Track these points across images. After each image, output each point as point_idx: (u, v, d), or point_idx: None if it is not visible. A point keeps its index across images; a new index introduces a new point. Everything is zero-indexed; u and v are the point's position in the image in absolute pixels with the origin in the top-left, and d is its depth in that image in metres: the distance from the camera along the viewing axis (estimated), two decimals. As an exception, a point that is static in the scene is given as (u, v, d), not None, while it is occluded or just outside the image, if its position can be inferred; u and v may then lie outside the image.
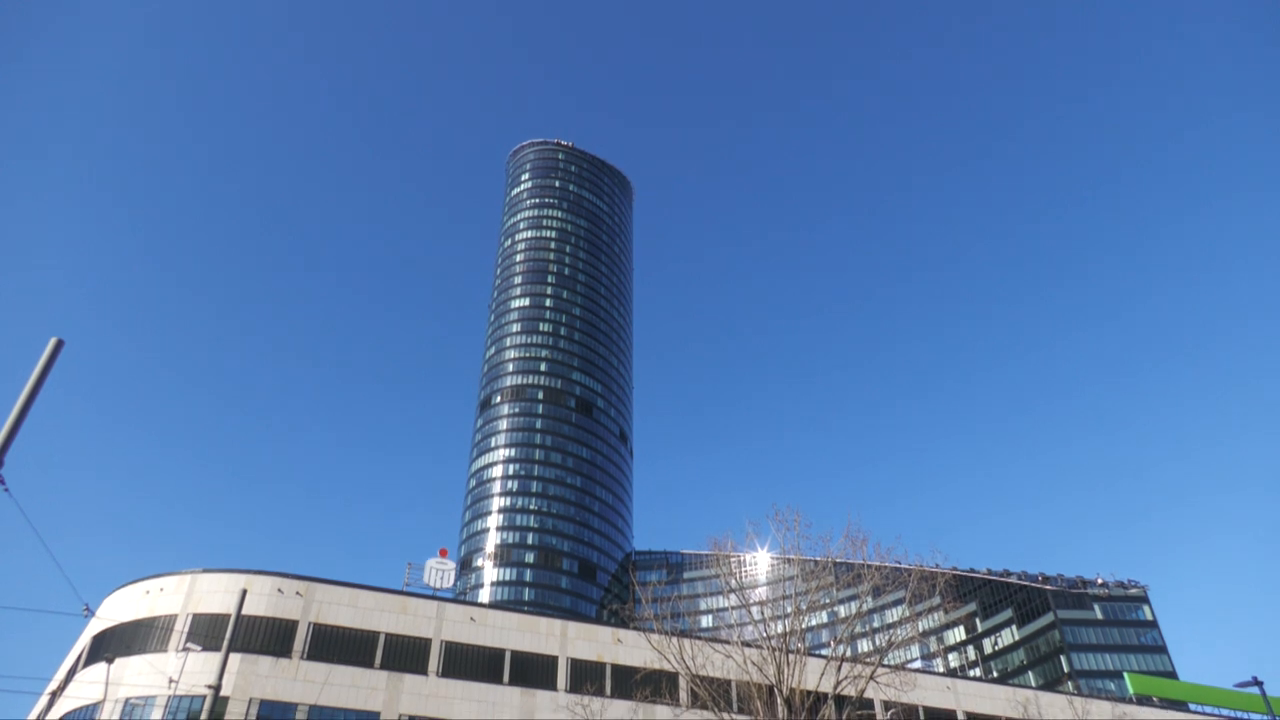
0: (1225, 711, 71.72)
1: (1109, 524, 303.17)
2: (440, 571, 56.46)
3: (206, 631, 41.49)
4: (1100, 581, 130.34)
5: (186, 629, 42.93)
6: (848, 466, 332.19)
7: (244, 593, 21.62)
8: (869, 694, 39.62)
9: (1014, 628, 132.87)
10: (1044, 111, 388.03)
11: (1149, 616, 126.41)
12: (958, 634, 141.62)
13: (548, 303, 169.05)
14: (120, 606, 45.69)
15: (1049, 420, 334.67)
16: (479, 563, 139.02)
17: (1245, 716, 69.99)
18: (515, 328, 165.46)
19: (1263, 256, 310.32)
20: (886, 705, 47.10)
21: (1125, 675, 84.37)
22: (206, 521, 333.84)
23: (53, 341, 14.72)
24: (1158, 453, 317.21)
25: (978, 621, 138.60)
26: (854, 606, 40.43)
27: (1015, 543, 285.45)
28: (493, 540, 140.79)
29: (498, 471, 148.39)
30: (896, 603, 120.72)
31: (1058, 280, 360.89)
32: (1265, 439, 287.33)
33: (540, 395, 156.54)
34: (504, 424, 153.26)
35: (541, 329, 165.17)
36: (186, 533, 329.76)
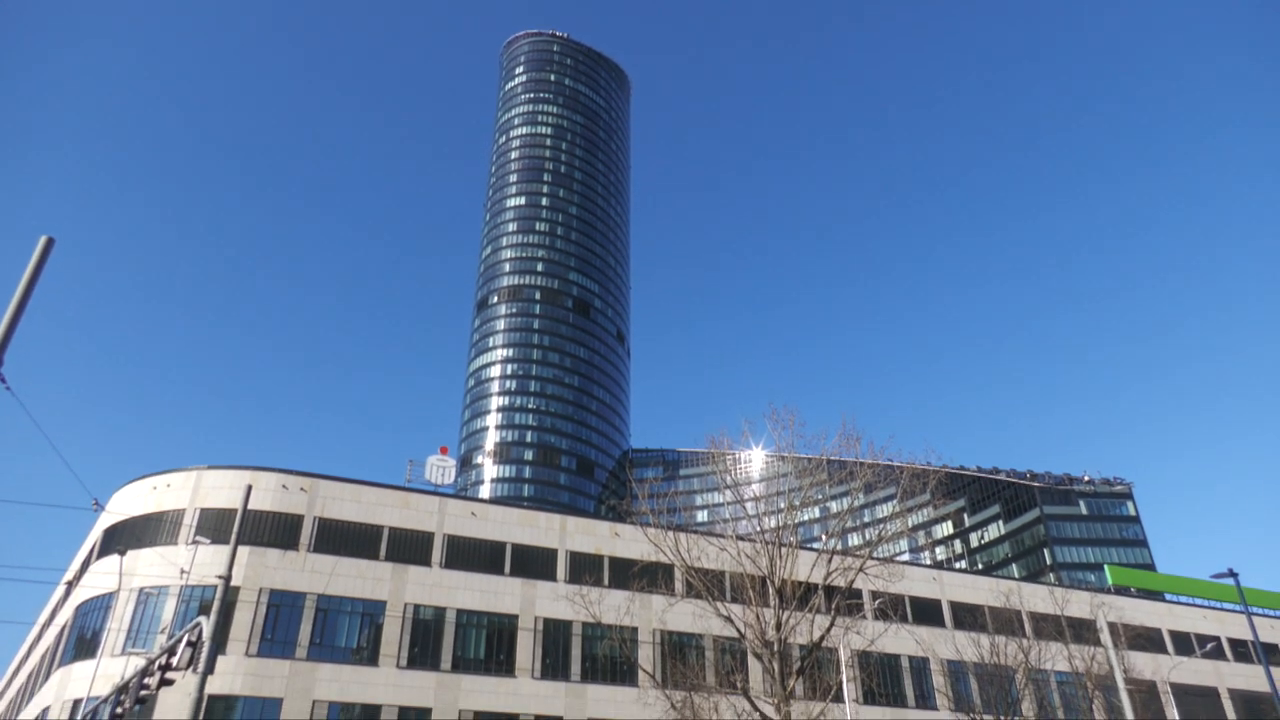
0: (1200, 601, 74.54)
1: (1100, 423, 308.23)
2: (441, 468, 57.58)
3: (214, 525, 42.60)
4: (1086, 479, 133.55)
5: (195, 523, 44.06)
6: (845, 370, 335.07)
7: (249, 488, 22.09)
8: (858, 585, 41.00)
9: (1000, 523, 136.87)
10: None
11: (1132, 512, 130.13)
12: (945, 529, 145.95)
13: (544, 201, 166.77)
14: (129, 501, 46.76)
15: (1048, 329, 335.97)
16: (479, 460, 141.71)
17: (1219, 605, 72.78)
18: (511, 227, 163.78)
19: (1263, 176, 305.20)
20: (874, 595, 48.86)
21: (1106, 568, 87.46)
22: (210, 421, 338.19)
23: (43, 240, 14.55)
24: (1154, 353, 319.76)
25: (965, 517, 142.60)
26: (846, 503, 41.59)
27: (1006, 442, 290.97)
28: (492, 438, 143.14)
29: (496, 371, 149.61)
30: (887, 499, 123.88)
31: (1065, 197, 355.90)
32: (1261, 336, 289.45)
33: (537, 295, 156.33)
34: (501, 324, 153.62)
35: (538, 228, 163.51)
36: (191, 431, 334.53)
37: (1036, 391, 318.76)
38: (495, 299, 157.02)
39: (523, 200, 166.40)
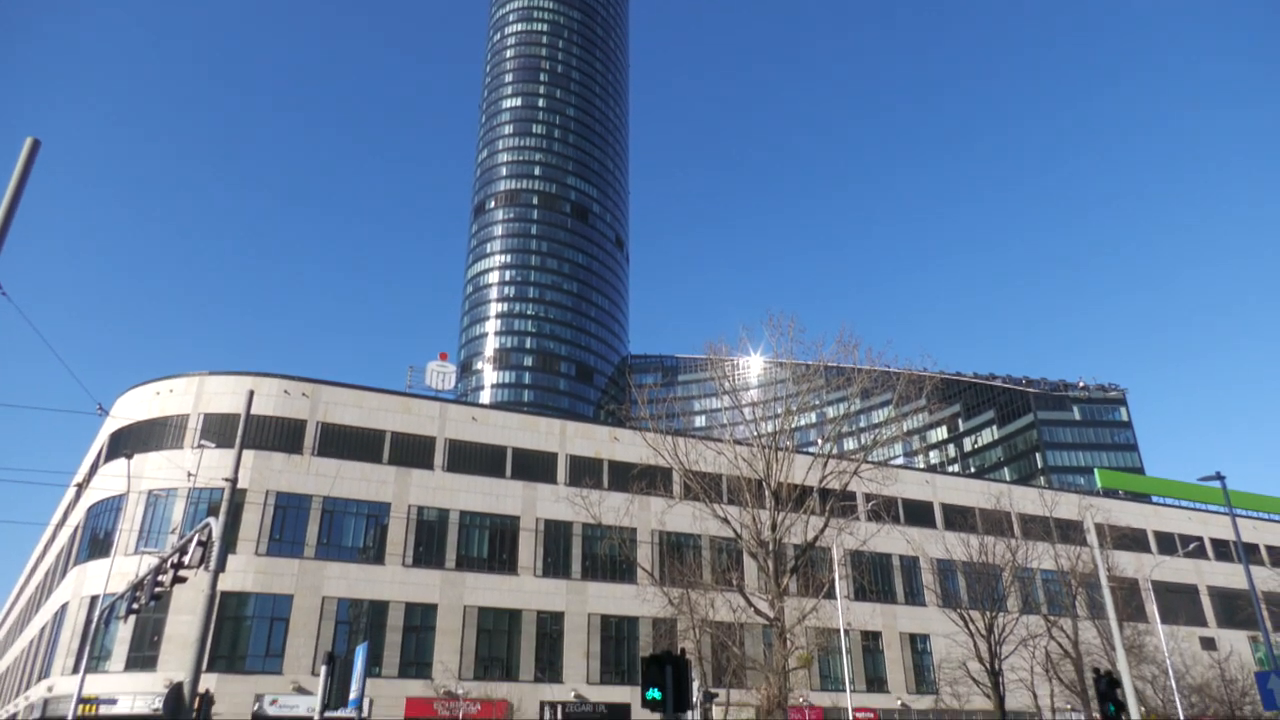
0: (1185, 503, 76.28)
1: (1097, 330, 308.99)
2: (441, 374, 58.05)
3: (218, 430, 43.18)
4: (1081, 385, 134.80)
5: (199, 427, 44.65)
6: (844, 277, 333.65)
7: (251, 393, 22.27)
8: (852, 488, 41.84)
9: (994, 428, 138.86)
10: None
11: (1124, 418, 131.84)
12: (940, 433, 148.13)
13: (540, 103, 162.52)
14: (133, 406, 47.26)
15: (1048, 236, 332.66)
16: (478, 366, 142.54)
17: (1204, 507, 74.52)
18: (507, 129, 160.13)
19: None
20: (868, 498, 49.98)
21: (1095, 471, 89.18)
22: (210, 330, 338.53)
23: (29, 142, 14.23)
24: (1154, 260, 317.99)
25: (960, 422, 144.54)
26: (842, 408, 42.05)
27: (1004, 348, 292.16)
28: (491, 344, 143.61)
29: (494, 277, 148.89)
30: (883, 404, 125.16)
31: (1065, 103, 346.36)
32: (1261, 240, 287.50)
33: (535, 200, 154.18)
34: (499, 229, 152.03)
35: (535, 131, 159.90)
36: (192, 339, 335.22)
37: (1036, 298, 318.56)
38: (492, 204, 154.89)
39: (519, 101, 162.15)
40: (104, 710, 39.12)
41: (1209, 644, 62.67)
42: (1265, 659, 28.98)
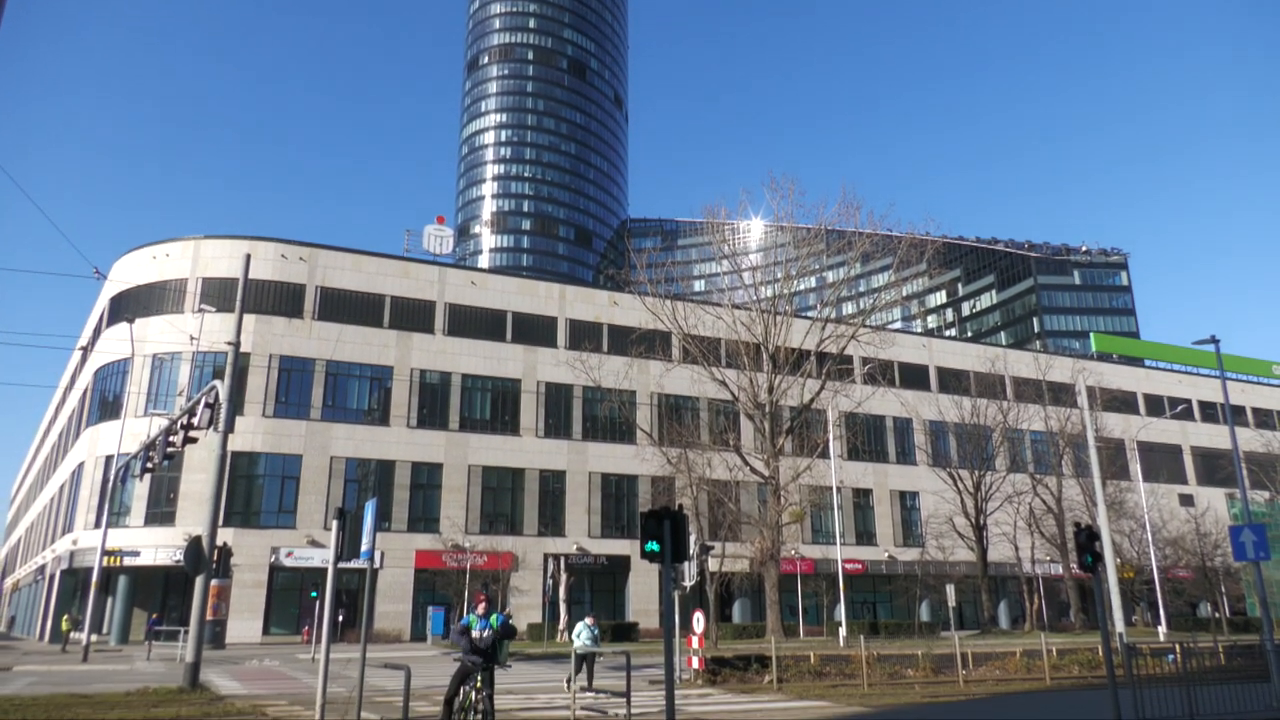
0: (1177, 367, 77.30)
1: (1101, 194, 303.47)
2: (438, 238, 57.41)
3: (217, 294, 43.20)
4: (1084, 249, 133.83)
5: (198, 291, 44.67)
6: (848, 140, 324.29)
7: (248, 257, 22.12)
8: (849, 351, 42.36)
9: (993, 292, 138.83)
10: None
11: (1124, 282, 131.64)
12: (939, 298, 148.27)
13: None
14: (130, 271, 47.10)
15: (1054, 101, 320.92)
16: (476, 230, 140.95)
17: (1195, 370, 75.59)
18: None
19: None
20: (864, 361, 50.60)
21: (1091, 335, 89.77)
22: (204, 195, 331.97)
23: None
24: (1160, 124, 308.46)
25: (960, 286, 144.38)
26: (842, 273, 41.77)
27: (1007, 212, 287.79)
28: (489, 208, 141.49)
29: (489, 138, 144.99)
30: (883, 269, 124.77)
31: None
32: (1269, 106, 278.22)
33: (530, 55, 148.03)
34: (494, 87, 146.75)
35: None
36: (186, 205, 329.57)
37: (1043, 162, 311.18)
38: (485, 59, 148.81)
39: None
40: (127, 562, 41.05)
41: (1187, 501, 65.06)
42: (1240, 514, 30.25)
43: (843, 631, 38.93)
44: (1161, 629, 43.50)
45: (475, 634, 10.21)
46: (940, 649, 24.97)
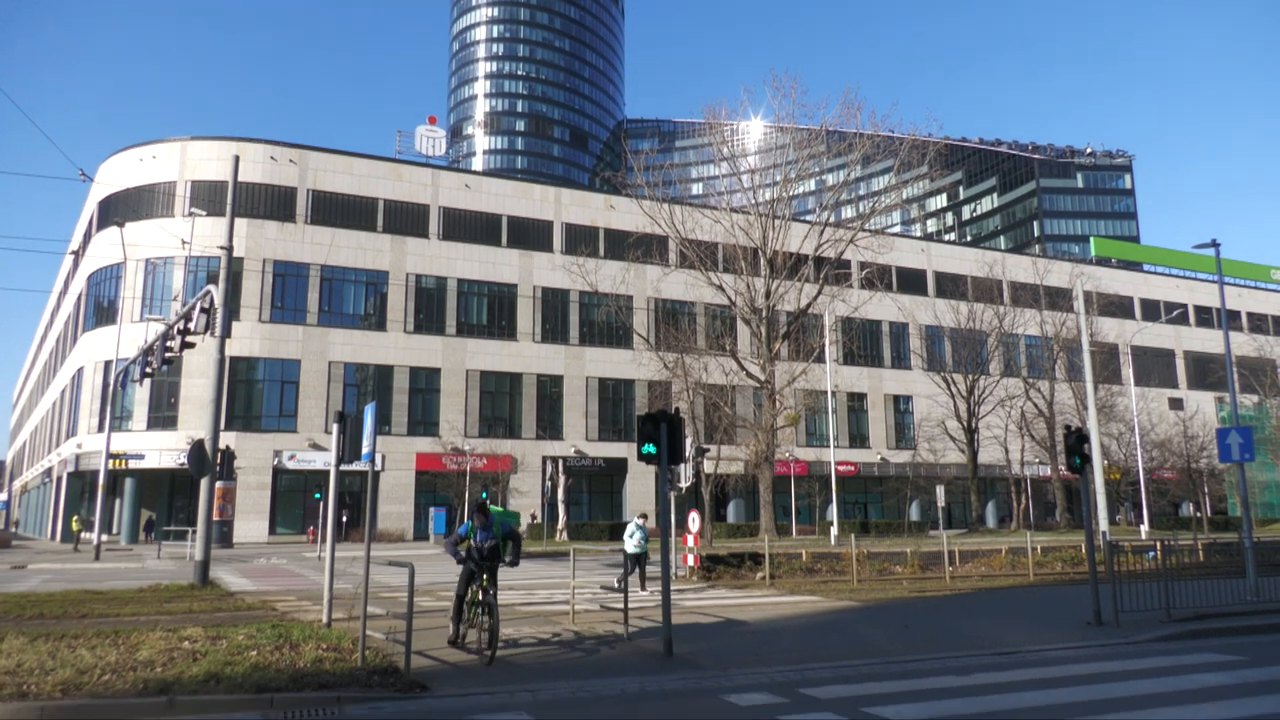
0: (1176, 271, 77.03)
1: (1108, 93, 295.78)
2: (431, 139, 56.22)
3: (207, 197, 42.48)
4: (1089, 151, 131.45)
5: (188, 194, 43.95)
6: (851, 37, 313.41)
7: (236, 158, 21.62)
8: (847, 256, 42.06)
9: (995, 195, 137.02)
10: None
11: (1127, 185, 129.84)
12: (939, 202, 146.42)
13: None
14: (117, 173, 46.22)
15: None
16: (469, 130, 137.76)
17: (1193, 275, 75.38)
18: None
19: None
20: (862, 266, 50.35)
21: (1091, 239, 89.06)
22: (190, 96, 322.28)
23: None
24: (1170, 20, 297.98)
25: (961, 189, 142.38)
26: (842, 175, 41.08)
27: (1012, 113, 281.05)
28: (481, 107, 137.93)
29: (481, 34, 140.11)
30: (884, 171, 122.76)
31: None
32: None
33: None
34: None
35: None
36: (172, 107, 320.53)
37: (1049, 63, 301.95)
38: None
39: None
40: (133, 465, 41.72)
41: (1177, 404, 65.88)
42: (1228, 417, 30.66)
43: (834, 531, 39.98)
44: (1144, 528, 44.71)
45: (473, 544, 10.64)
46: (928, 547, 25.72)
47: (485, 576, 10.40)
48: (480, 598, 10.35)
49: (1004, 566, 23.12)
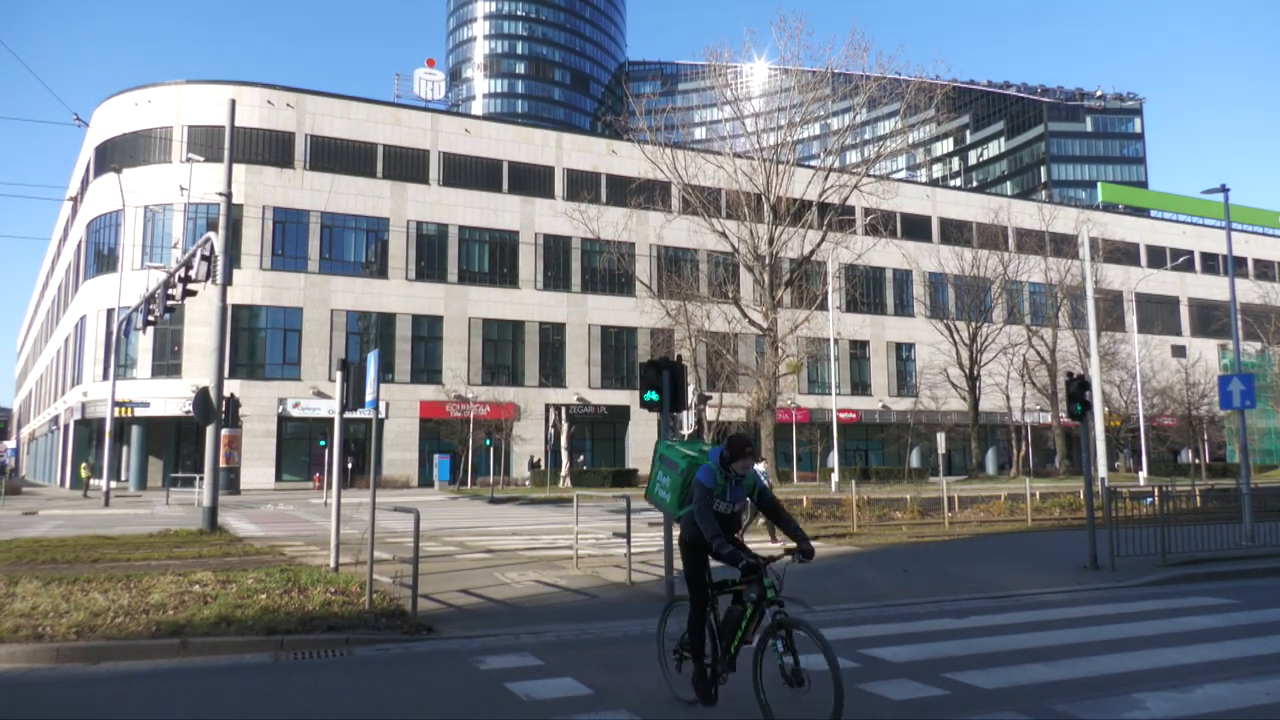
0: (1183, 217, 76.26)
1: (1120, 34, 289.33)
2: (430, 82, 55.39)
3: (204, 143, 41.95)
4: (1099, 94, 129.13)
5: (185, 140, 43.42)
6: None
7: (233, 102, 21.29)
8: (851, 202, 41.66)
9: (1002, 140, 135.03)
10: None
11: (1137, 129, 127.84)
12: (946, 146, 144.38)
13: None
14: (112, 118, 45.62)
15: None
16: (468, 74, 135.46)
17: (1200, 221, 74.66)
18: None
19: None
20: (866, 212, 49.92)
21: (1099, 185, 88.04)
22: (184, 36, 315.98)
23: None
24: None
25: (968, 133, 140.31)
26: (847, 119, 40.32)
27: (1021, 54, 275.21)
28: (480, 50, 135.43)
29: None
30: (890, 115, 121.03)
31: None
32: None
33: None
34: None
35: None
36: (165, 52, 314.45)
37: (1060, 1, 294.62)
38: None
39: None
40: (138, 413, 41.97)
41: (1180, 352, 65.82)
42: (1231, 364, 30.66)
43: (835, 477, 40.32)
44: (1143, 474, 45.07)
45: (722, 506, 5.61)
46: (928, 493, 25.97)
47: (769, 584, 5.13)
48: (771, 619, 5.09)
49: (1003, 512, 23.37)
